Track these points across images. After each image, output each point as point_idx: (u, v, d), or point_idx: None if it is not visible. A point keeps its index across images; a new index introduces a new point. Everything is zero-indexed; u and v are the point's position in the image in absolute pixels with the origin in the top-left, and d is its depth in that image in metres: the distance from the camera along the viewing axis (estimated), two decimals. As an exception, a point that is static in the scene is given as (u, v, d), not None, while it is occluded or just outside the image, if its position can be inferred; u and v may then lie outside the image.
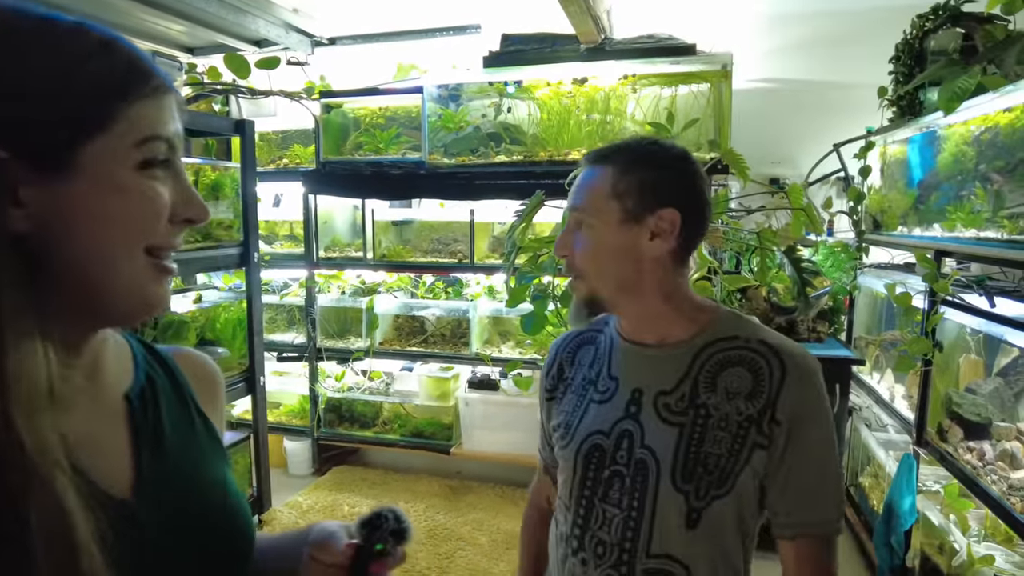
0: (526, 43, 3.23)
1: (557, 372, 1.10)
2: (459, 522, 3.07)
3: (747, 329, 0.96)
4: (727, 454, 0.89)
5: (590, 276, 0.96)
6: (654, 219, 0.91)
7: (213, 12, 3.02)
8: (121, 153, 0.51)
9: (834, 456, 0.91)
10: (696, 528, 0.89)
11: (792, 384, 0.89)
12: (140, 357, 0.66)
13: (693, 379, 0.94)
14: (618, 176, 0.92)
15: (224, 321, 2.94)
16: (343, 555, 0.67)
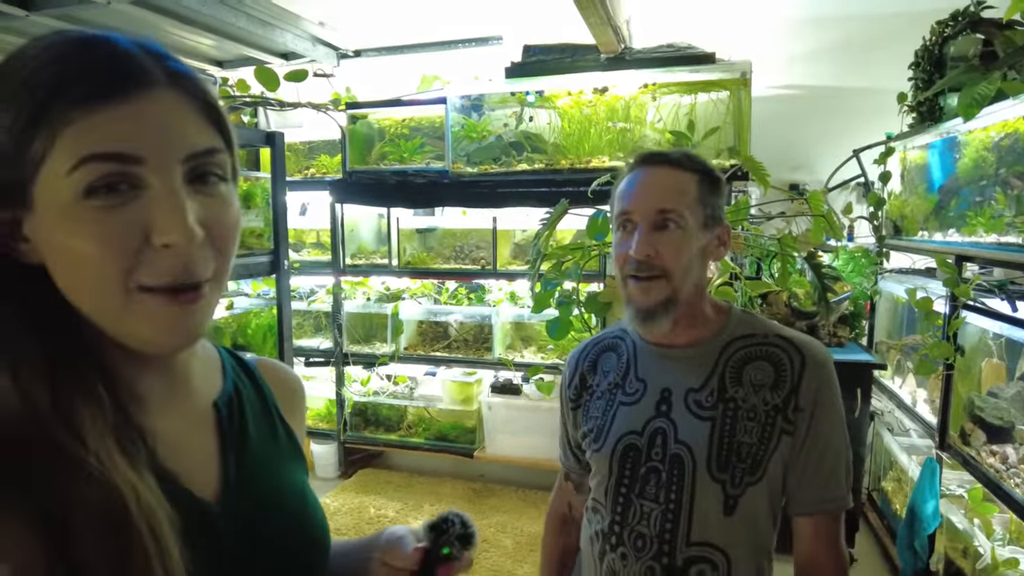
0: (547, 53, 3.29)
1: (580, 382, 1.15)
2: (483, 524, 3.11)
3: (762, 326, 1.03)
4: (758, 442, 0.96)
5: (676, 275, 0.97)
6: (720, 228, 1.01)
7: (243, 27, 3.13)
8: (58, 184, 0.45)
9: (845, 438, 0.99)
10: (733, 515, 0.95)
11: (811, 373, 0.96)
12: (228, 366, 0.67)
13: (720, 375, 1.00)
14: (700, 183, 0.99)
15: (255, 327, 3.02)
16: (411, 559, 0.68)
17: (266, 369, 0.72)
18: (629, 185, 1.02)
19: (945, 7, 2.60)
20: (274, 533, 0.61)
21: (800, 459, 0.97)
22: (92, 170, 0.45)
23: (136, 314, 0.48)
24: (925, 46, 2.65)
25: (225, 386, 0.64)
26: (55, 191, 0.45)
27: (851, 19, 3.36)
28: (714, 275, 1.87)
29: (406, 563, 0.68)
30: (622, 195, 1.02)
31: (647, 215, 0.97)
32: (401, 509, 3.27)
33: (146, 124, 0.46)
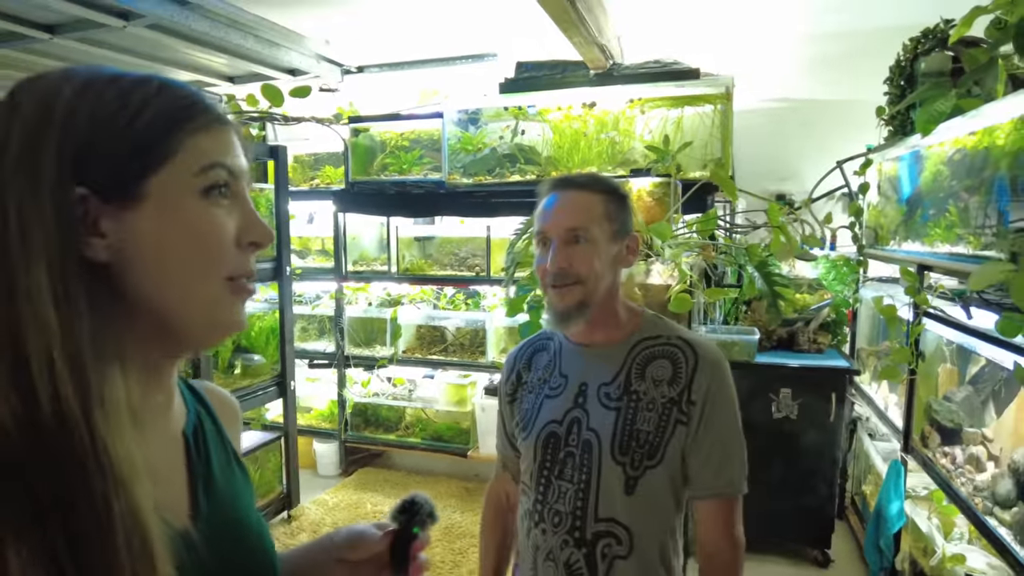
0: (539, 69, 3.43)
1: (516, 379, 1.28)
2: (473, 521, 3.24)
3: (667, 328, 1.15)
4: (655, 430, 1.08)
5: (589, 282, 1.10)
6: (628, 239, 1.14)
7: (251, 47, 3.32)
8: (184, 181, 0.54)
9: (738, 430, 1.11)
10: (634, 494, 1.07)
11: (703, 371, 1.08)
12: (187, 394, 0.69)
13: (627, 371, 1.13)
14: (607, 201, 1.12)
15: (258, 330, 3.19)
16: (381, 543, 0.71)
17: (211, 394, 0.74)
18: (545, 207, 1.15)
19: (923, 22, 2.69)
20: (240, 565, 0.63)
21: (694, 447, 1.08)
22: (214, 175, 0.56)
23: (223, 302, 0.57)
24: (898, 62, 2.74)
25: (189, 415, 0.66)
26: (178, 188, 0.54)
27: (836, 35, 3.45)
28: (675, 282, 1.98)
29: (376, 549, 0.71)
30: (540, 216, 1.15)
31: (560, 233, 1.10)
32: (397, 506, 3.41)
33: (238, 149, 0.59)
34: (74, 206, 0.50)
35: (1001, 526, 1.66)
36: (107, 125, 0.52)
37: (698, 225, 2.22)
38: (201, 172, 0.55)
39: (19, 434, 0.46)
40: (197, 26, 2.91)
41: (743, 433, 1.12)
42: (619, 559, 1.07)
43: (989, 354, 1.87)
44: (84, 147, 0.51)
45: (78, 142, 0.51)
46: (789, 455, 2.81)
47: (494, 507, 1.37)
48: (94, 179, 0.51)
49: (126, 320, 0.53)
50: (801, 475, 2.81)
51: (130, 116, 0.53)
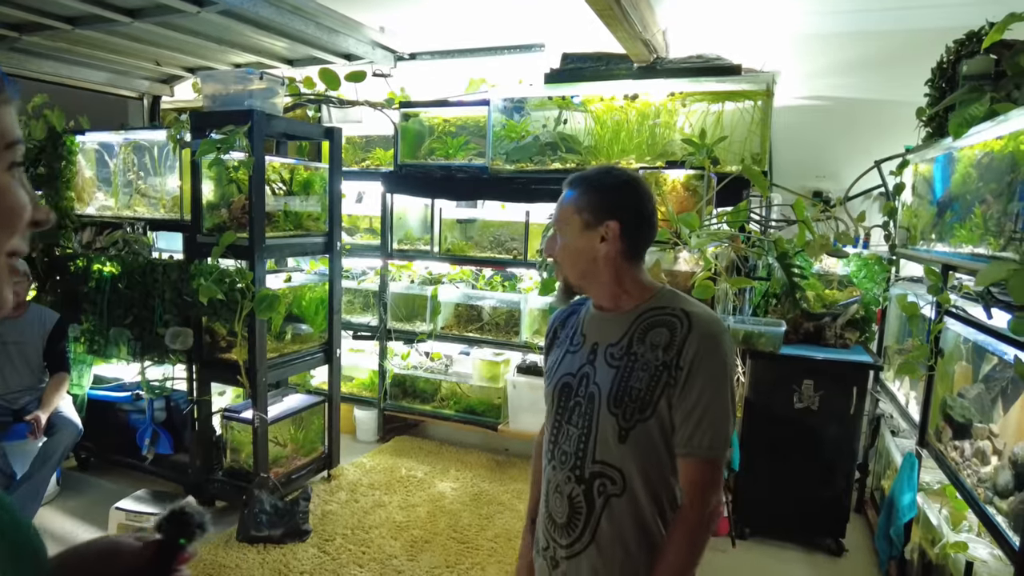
0: (583, 61, 3.54)
1: (552, 335, 1.46)
2: (501, 490, 3.42)
3: (674, 301, 1.29)
4: (646, 388, 1.22)
5: (563, 267, 1.30)
6: (602, 228, 1.25)
7: (311, 33, 3.52)
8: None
9: (722, 398, 1.20)
10: (625, 443, 1.22)
11: (694, 339, 1.21)
12: None
13: (630, 335, 1.27)
14: (579, 196, 1.26)
15: (309, 300, 3.42)
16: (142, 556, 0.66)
17: None
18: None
19: (967, 24, 2.71)
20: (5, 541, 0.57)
21: (678, 408, 1.21)
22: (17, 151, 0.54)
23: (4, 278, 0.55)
24: (940, 64, 2.77)
25: None
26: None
27: (879, 34, 3.47)
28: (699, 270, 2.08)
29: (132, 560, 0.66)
30: None
31: (553, 225, 1.31)
32: (429, 472, 3.62)
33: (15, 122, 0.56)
34: None
35: (999, 514, 1.74)
36: None
37: (728, 217, 2.32)
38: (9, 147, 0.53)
39: None
40: (264, 12, 3.11)
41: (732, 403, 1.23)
42: (614, 496, 1.23)
43: (1002, 352, 1.94)
44: None
45: None
46: (808, 445, 2.89)
47: (539, 446, 1.55)
48: None
49: None
50: (819, 465, 2.89)
51: None
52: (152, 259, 3.21)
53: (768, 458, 2.97)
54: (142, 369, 3.33)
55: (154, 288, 3.12)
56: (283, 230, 3.12)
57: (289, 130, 3.24)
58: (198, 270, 2.96)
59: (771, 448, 2.96)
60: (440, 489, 3.43)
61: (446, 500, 3.30)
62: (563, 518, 1.28)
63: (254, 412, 2.99)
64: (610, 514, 1.23)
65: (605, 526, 1.24)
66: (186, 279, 3.01)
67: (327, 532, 2.97)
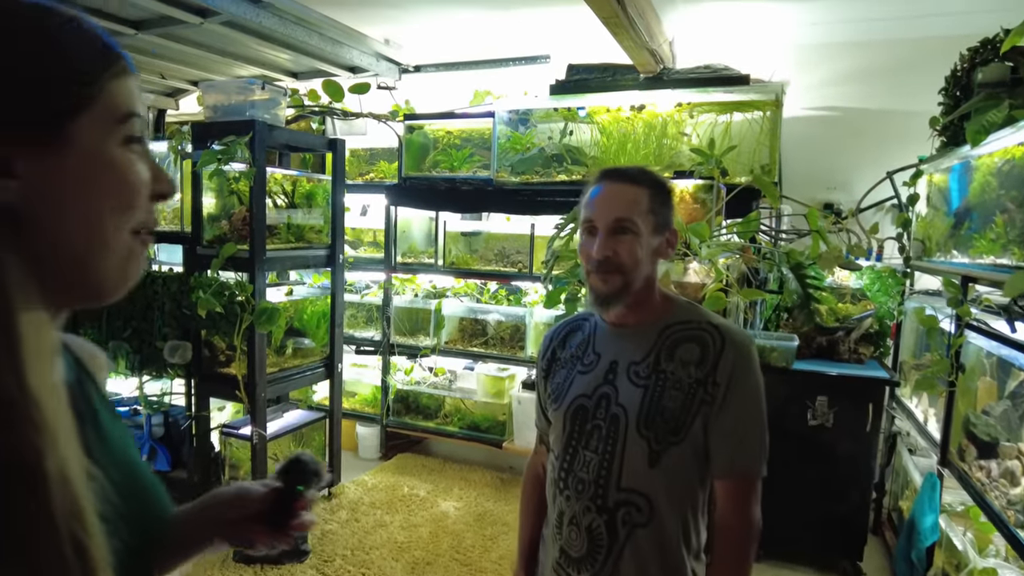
0: (589, 72, 3.50)
1: (551, 355, 1.37)
2: (506, 510, 3.33)
3: (699, 314, 1.22)
4: (680, 408, 1.14)
5: (631, 270, 1.17)
6: (668, 233, 1.20)
7: (315, 44, 3.50)
8: (107, 128, 0.52)
9: (759, 413, 1.15)
10: (656, 467, 1.14)
11: (728, 354, 1.14)
12: None
13: (657, 351, 1.19)
14: (652, 196, 1.18)
15: (310, 313, 3.36)
16: (264, 499, 0.70)
17: (76, 345, 0.70)
18: (593, 196, 1.22)
19: (978, 32, 2.66)
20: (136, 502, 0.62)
21: (715, 427, 1.14)
22: (133, 125, 0.54)
23: (131, 253, 0.55)
24: (954, 72, 2.71)
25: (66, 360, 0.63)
26: (103, 134, 0.52)
27: (886, 44, 3.42)
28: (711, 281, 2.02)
29: (259, 506, 0.70)
30: (587, 204, 1.22)
31: (606, 223, 1.17)
32: (432, 490, 3.53)
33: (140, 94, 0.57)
34: None
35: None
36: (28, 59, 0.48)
37: (738, 228, 2.25)
38: (122, 120, 0.53)
39: None
40: (268, 23, 3.09)
41: (766, 418, 1.17)
42: (639, 527, 1.14)
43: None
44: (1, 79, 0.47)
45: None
46: (823, 463, 2.80)
47: (533, 478, 1.45)
48: (10, 116, 0.48)
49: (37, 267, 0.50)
50: (834, 484, 2.79)
51: (54, 53, 0.50)
52: (152, 271, 3.17)
53: (782, 477, 2.85)
54: (140, 384, 3.27)
55: (154, 301, 3.07)
56: (285, 242, 3.08)
57: (292, 141, 3.21)
58: (197, 282, 2.91)
59: (785, 466, 2.85)
60: (443, 508, 3.34)
61: (449, 520, 3.21)
62: (580, 552, 1.19)
63: (253, 428, 2.92)
64: (634, 544, 1.15)
65: (628, 557, 1.15)
66: (186, 292, 2.96)
67: (326, 553, 2.88)
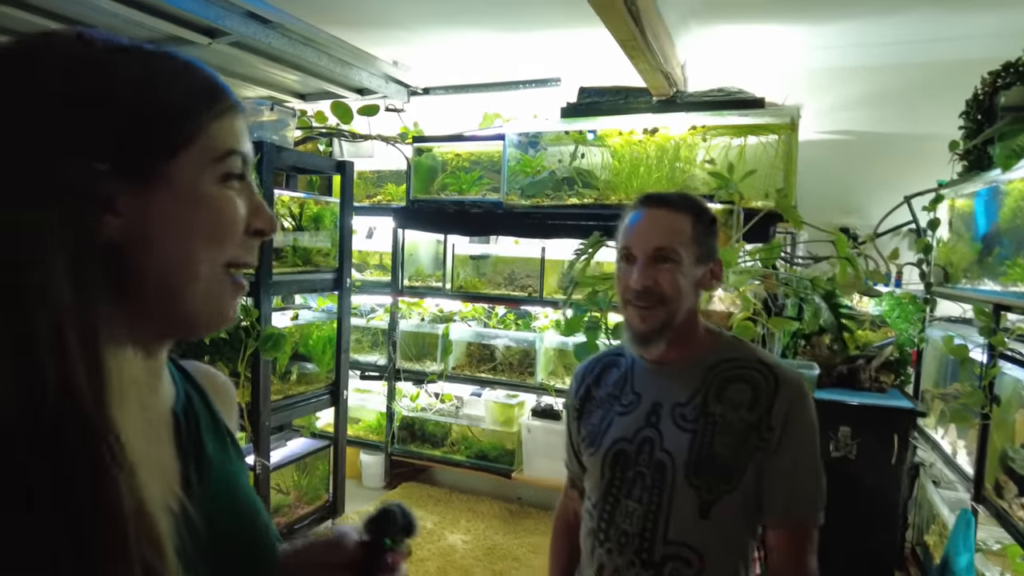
0: (601, 95, 3.47)
1: (584, 393, 1.28)
2: (516, 543, 3.21)
3: (747, 351, 1.14)
4: (732, 455, 1.06)
5: (673, 302, 1.10)
6: (712, 263, 1.14)
7: (324, 65, 3.45)
8: (206, 166, 0.53)
9: (816, 459, 1.08)
10: (707, 518, 1.05)
11: (783, 396, 1.06)
12: (175, 372, 0.66)
13: (704, 393, 1.11)
14: (694, 223, 1.11)
15: (316, 338, 3.27)
16: (352, 553, 0.69)
17: (202, 375, 0.71)
18: (632, 222, 1.15)
19: (999, 56, 2.62)
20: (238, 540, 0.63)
21: (770, 473, 1.06)
22: (232, 162, 0.55)
23: (225, 289, 0.56)
24: (976, 95, 2.67)
25: (178, 394, 0.63)
26: (200, 172, 0.53)
27: (906, 67, 3.39)
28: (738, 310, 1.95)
29: (346, 558, 0.68)
30: (625, 231, 1.15)
31: (646, 251, 1.10)
32: (438, 522, 3.41)
33: (247, 136, 0.59)
34: (95, 182, 0.48)
35: (1085, 585, 1.55)
36: (135, 99, 0.50)
37: (761, 254, 2.19)
38: (221, 159, 0.54)
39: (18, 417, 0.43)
40: (277, 44, 3.05)
41: (821, 462, 1.09)
42: None
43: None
44: (108, 119, 0.49)
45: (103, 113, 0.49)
46: (847, 497, 2.68)
47: (563, 526, 1.36)
48: (116, 155, 0.49)
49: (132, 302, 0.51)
50: (860, 519, 2.69)
51: (159, 93, 0.52)
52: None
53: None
54: (139, 411, 3.16)
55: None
56: (291, 266, 3.00)
57: (300, 163, 3.15)
58: (201, 307, 2.83)
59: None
60: (450, 542, 3.22)
61: (457, 554, 3.10)
62: None
63: (256, 458, 2.82)
64: None
65: None
66: (188, 316, 2.87)
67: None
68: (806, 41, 3.44)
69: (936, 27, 3.18)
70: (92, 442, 0.44)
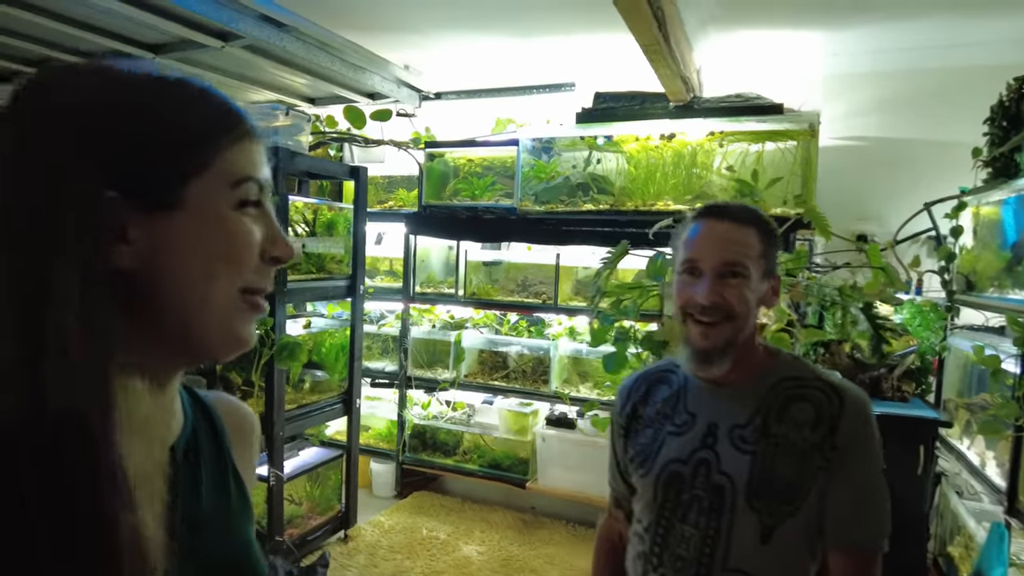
0: (617, 100, 3.43)
1: (631, 411, 1.23)
2: (532, 555, 3.16)
3: (807, 369, 1.10)
4: (796, 477, 1.02)
5: (740, 319, 1.06)
6: (773, 279, 1.11)
7: (336, 69, 3.41)
8: (221, 192, 0.53)
9: (881, 482, 1.04)
10: (769, 543, 1.01)
11: (848, 416, 1.02)
12: (187, 404, 0.64)
13: (764, 413, 1.07)
14: (761, 238, 1.08)
15: (329, 346, 3.22)
16: None
17: (222, 406, 0.70)
18: (694, 234, 1.10)
19: (1018, 62, 2.60)
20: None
21: (834, 497, 1.02)
22: (247, 190, 0.55)
23: (240, 315, 0.56)
24: (1001, 102, 2.64)
25: (185, 427, 0.62)
26: (215, 198, 0.53)
27: (923, 72, 3.37)
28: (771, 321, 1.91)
29: None
30: (688, 243, 1.10)
31: (714, 265, 1.06)
32: (452, 533, 3.36)
33: (264, 161, 0.58)
34: (104, 211, 0.48)
35: None
36: (146, 127, 0.50)
37: (791, 262, 2.15)
38: (236, 185, 0.54)
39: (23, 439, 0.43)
40: (291, 47, 3.01)
41: (887, 486, 1.05)
42: None
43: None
44: (119, 148, 0.49)
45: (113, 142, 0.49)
46: (872, 508, 2.66)
47: (607, 547, 1.31)
48: (126, 183, 0.49)
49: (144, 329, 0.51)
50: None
51: (171, 120, 0.52)
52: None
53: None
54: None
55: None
56: (305, 273, 2.95)
57: (313, 169, 3.10)
58: (214, 315, 2.78)
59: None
60: (465, 553, 3.17)
61: (473, 567, 3.04)
62: None
63: (270, 469, 2.77)
64: None
65: None
66: (201, 325, 2.82)
67: (346, 603, 2.71)
68: (822, 47, 3.42)
69: (954, 32, 3.16)
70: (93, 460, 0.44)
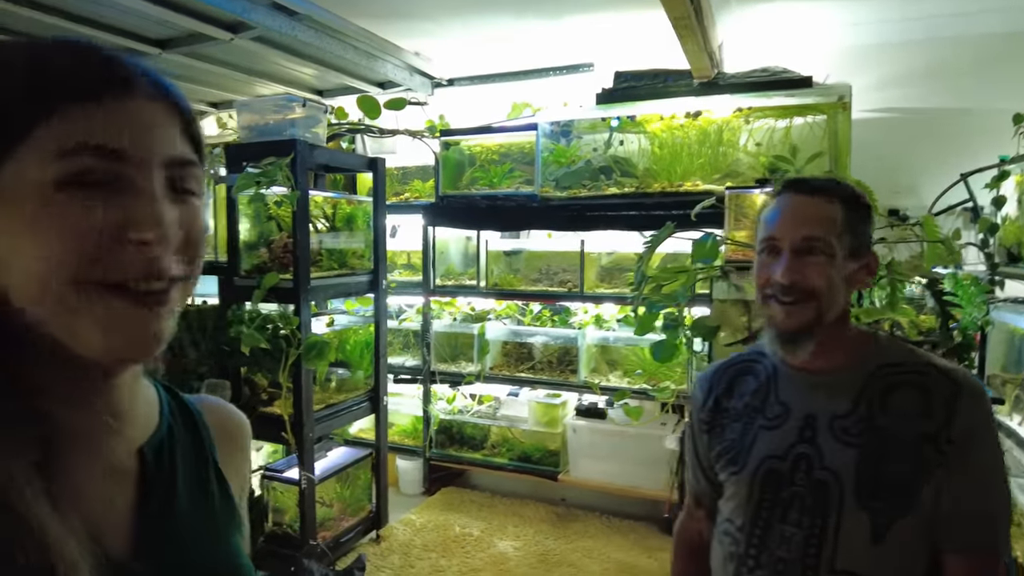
0: (638, 79, 3.33)
1: (714, 404, 1.15)
2: (569, 548, 3.10)
3: (910, 354, 1.03)
4: (909, 471, 0.94)
5: (824, 298, 0.98)
6: (868, 257, 1.02)
7: (348, 57, 3.30)
8: (38, 168, 0.43)
9: (1003, 476, 0.95)
10: (882, 544, 0.93)
11: (965, 405, 0.94)
12: (166, 406, 0.60)
13: (867, 402, 0.99)
14: (847, 212, 0.99)
15: (353, 344, 3.15)
16: None
17: (209, 410, 0.65)
18: (775, 210, 1.04)
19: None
20: None
21: (951, 493, 0.94)
22: (70, 163, 0.44)
23: (93, 316, 0.45)
24: (1045, 66, 2.54)
25: (159, 429, 0.57)
26: (27, 178, 0.44)
27: (948, 41, 3.27)
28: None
29: None
30: (768, 221, 1.04)
31: (793, 241, 0.99)
32: (485, 529, 3.29)
33: (131, 123, 0.46)
34: None
35: None
36: None
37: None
38: (58, 158, 0.43)
39: None
40: (303, 36, 2.90)
41: (1009, 481, 0.96)
42: None
43: None
44: None
45: None
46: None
47: (687, 549, 1.24)
48: None
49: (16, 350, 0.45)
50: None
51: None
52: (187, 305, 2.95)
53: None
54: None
55: (188, 337, 2.85)
56: (327, 269, 2.87)
57: (332, 161, 3.01)
58: (236, 316, 2.70)
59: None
60: (501, 549, 3.11)
61: (511, 562, 2.98)
62: None
63: (301, 471, 2.70)
64: None
65: None
66: (223, 326, 2.74)
67: (386, 606, 2.65)
68: (847, 17, 3.31)
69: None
70: None
